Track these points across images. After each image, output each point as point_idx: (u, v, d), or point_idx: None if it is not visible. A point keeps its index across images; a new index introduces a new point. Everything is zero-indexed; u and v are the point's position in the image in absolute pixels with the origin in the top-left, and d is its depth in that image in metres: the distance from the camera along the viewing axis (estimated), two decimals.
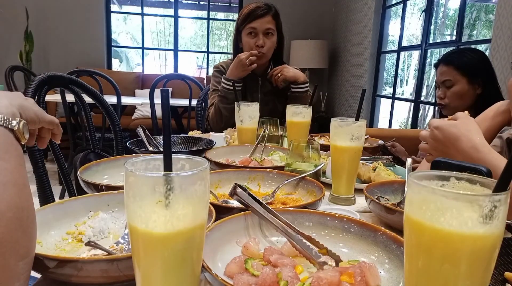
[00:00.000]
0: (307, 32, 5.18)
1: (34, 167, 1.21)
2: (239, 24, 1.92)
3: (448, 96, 1.69)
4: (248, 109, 1.44)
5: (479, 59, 1.69)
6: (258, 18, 1.87)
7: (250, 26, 1.88)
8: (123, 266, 0.51)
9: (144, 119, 4.77)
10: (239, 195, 0.68)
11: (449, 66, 1.68)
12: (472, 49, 1.89)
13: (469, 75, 1.64)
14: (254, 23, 1.87)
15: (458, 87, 1.66)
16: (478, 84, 1.64)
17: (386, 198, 0.94)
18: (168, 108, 0.45)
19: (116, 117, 1.51)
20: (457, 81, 1.66)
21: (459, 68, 1.65)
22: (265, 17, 1.87)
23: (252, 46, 1.88)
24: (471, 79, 1.64)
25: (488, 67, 1.70)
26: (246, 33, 1.90)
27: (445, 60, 1.71)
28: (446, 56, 1.74)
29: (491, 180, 0.40)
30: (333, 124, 0.97)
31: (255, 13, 1.87)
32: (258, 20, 1.87)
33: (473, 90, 1.65)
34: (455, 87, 1.66)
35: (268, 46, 1.91)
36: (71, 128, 3.03)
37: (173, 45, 5.64)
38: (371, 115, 4.39)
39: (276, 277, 0.52)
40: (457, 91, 1.66)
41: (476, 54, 1.69)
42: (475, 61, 1.67)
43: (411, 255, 0.41)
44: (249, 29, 1.88)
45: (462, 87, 1.64)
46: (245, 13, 1.90)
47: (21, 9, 4.66)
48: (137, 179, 0.41)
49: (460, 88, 1.65)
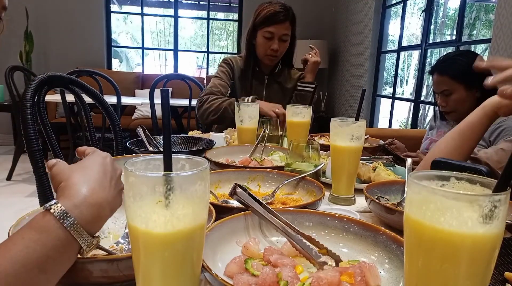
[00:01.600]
0: (307, 32, 5.17)
1: (34, 167, 1.21)
2: (257, 23, 1.92)
3: (450, 104, 1.67)
4: (248, 109, 1.44)
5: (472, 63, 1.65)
6: (277, 23, 1.87)
7: (268, 30, 1.89)
8: (123, 266, 0.51)
9: (144, 119, 4.77)
10: (239, 195, 0.68)
11: (443, 76, 1.65)
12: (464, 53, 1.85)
13: (465, 82, 1.61)
14: (272, 27, 1.88)
15: (456, 95, 1.64)
16: (476, 89, 1.63)
17: (386, 198, 0.94)
18: (168, 108, 0.44)
19: (116, 117, 1.51)
20: (455, 90, 1.64)
21: (455, 77, 1.62)
22: (284, 23, 1.88)
23: (267, 49, 1.91)
24: (468, 85, 1.61)
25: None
26: (262, 35, 1.91)
27: (439, 70, 1.68)
28: (439, 64, 1.70)
29: (491, 180, 0.40)
30: (333, 124, 0.97)
31: (275, 18, 1.87)
32: (277, 26, 1.88)
33: (472, 95, 1.64)
34: (453, 95, 1.64)
35: (282, 51, 1.94)
36: (71, 128, 3.03)
37: (173, 45, 5.64)
38: (371, 115, 4.39)
39: (276, 277, 0.51)
40: (457, 98, 1.64)
41: (469, 57, 1.65)
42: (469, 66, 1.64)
43: (411, 255, 0.41)
44: (267, 32, 1.89)
45: (461, 94, 1.63)
46: (265, 15, 1.89)
47: (21, 9, 4.66)
48: (137, 179, 0.41)
49: (459, 96, 1.63)
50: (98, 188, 0.48)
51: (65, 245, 0.45)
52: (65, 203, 0.46)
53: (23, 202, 3.19)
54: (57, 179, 0.50)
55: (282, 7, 1.88)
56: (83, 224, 0.46)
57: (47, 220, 0.45)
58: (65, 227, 0.45)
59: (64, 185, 0.48)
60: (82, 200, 0.47)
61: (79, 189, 0.47)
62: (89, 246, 0.46)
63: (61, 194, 0.47)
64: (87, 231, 0.46)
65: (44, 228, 0.44)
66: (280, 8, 1.88)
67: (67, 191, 0.47)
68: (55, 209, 0.45)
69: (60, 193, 0.47)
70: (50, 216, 0.45)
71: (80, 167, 0.51)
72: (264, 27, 1.89)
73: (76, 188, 0.47)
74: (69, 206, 0.46)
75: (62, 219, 0.45)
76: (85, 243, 0.46)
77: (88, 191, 0.47)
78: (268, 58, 1.95)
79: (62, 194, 0.47)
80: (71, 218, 0.45)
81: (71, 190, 0.47)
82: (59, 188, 0.48)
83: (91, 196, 0.47)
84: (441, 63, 1.70)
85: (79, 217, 0.46)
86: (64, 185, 0.48)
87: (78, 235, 0.45)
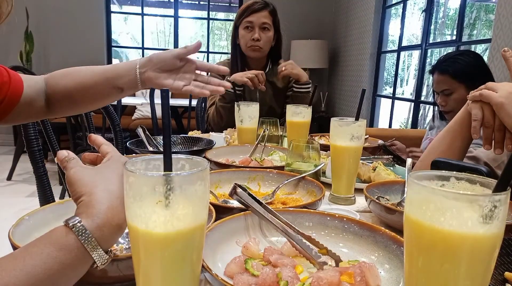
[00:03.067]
0: (307, 32, 5.17)
1: (34, 167, 1.21)
2: (236, 19, 1.96)
3: (450, 104, 1.67)
4: (248, 109, 1.44)
5: (473, 62, 1.66)
6: (254, 12, 1.89)
7: (247, 20, 1.90)
8: (123, 266, 0.51)
9: (144, 119, 4.76)
10: (239, 195, 0.68)
11: (444, 75, 1.65)
12: (465, 52, 1.86)
13: (466, 81, 1.61)
14: (250, 17, 1.90)
15: (457, 95, 1.63)
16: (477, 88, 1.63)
17: (386, 198, 0.94)
18: (168, 108, 0.45)
19: (116, 117, 1.51)
20: (456, 89, 1.63)
21: (455, 77, 1.62)
22: (262, 12, 1.90)
23: (248, 40, 1.91)
24: (469, 85, 1.61)
25: (484, 68, 1.67)
26: (242, 27, 1.92)
27: (439, 69, 1.68)
28: (440, 63, 1.70)
29: (491, 180, 0.40)
30: (333, 124, 0.97)
31: (252, 8, 1.90)
32: (255, 15, 1.89)
33: None
34: (454, 95, 1.64)
35: (264, 40, 1.92)
36: (71, 128, 3.03)
37: (173, 45, 5.64)
38: (371, 115, 4.39)
39: (276, 277, 0.52)
40: (457, 98, 1.64)
41: (470, 57, 1.66)
42: (470, 65, 1.64)
43: (411, 255, 0.41)
44: (246, 23, 1.90)
45: (462, 93, 1.62)
46: (242, 8, 1.94)
47: (21, 9, 4.66)
48: (137, 179, 0.41)
49: (460, 95, 1.63)
50: (121, 207, 0.47)
51: (82, 263, 0.46)
52: (88, 223, 0.45)
53: (23, 202, 3.19)
54: (76, 189, 0.49)
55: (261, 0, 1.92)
56: (102, 244, 0.46)
57: (69, 239, 0.45)
58: (85, 248, 0.45)
59: (86, 201, 0.47)
60: (105, 221, 0.46)
61: (102, 209, 0.47)
62: (103, 263, 0.47)
63: (83, 211, 0.47)
64: (104, 249, 0.47)
65: (64, 246, 0.44)
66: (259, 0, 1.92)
67: (90, 210, 0.46)
68: (78, 228, 0.45)
69: (82, 209, 0.47)
70: (71, 235, 0.45)
71: (102, 178, 0.50)
72: (243, 19, 1.91)
73: (98, 207, 0.47)
74: (92, 227, 0.45)
75: (84, 239, 0.45)
76: (101, 261, 0.47)
77: (111, 212, 0.47)
78: (251, 49, 1.93)
79: (84, 212, 0.47)
80: (93, 239, 0.45)
81: (93, 209, 0.46)
82: (81, 203, 0.48)
83: (113, 218, 0.47)
84: (442, 63, 1.70)
85: (100, 238, 0.46)
86: (87, 201, 0.47)
87: (96, 255, 0.46)
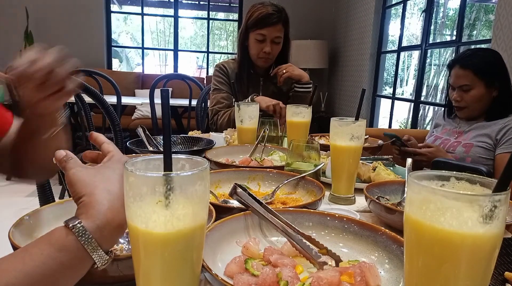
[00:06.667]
0: (307, 32, 5.17)
1: None
2: (249, 25, 1.90)
3: (466, 99, 1.65)
4: (248, 109, 1.44)
5: (495, 61, 1.64)
6: (269, 26, 1.85)
7: (260, 32, 1.87)
8: (123, 266, 0.51)
9: (144, 119, 4.76)
10: (239, 195, 0.68)
11: (466, 70, 1.63)
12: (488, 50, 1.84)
13: (487, 79, 1.60)
14: (264, 30, 1.86)
15: (475, 91, 1.62)
16: (495, 87, 1.62)
17: (386, 198, 0.94)
18: (168, 108, 0.44)
19: (116, 117, 1.51)
20: (475, 86, 1.62)
21: (478, 73, 1.60)
22: (276, 26, 1.86)
23: (259, 52, 1.89)
24: (488, 83, 1.60)
25: (504, 68, 1.65)
26: (254, 37, 1.89)
27: (462, 63, 1.65)
28: (462, 58, 1.67)
29: (491, 180, 0.40)
30: (333, 124, 0.97)
31: (267, 21, 1.85)
32: (269, 28, 1.85)
33: (489, 94, 1.62)
34: (472, 91, 1.62)
35: (274, 53, 1.92)
36: (71, 128, 3.03)
37: (173, 45, 5.64)
38: (371, 115, 4.39)
39: (276, 277, 0.51)
40: (475, 95, 1.62)
41: (492, 55, 1.65)
42: (492, 64, 1.63)
43: (411, 255, 0.41)
44: (258, 35, 1.87)
45: (480, 91, 1.61)
46: (257, 17, 1.86)
47: (21, 9, 4.66)
48: (137, 179, 0.41)
49: (478, 92, 1.61)
50: (121, 208, 0.47)
51: (82, 264, 0.46)
52: (88, 224, 0.45)
53: (23, 202, 3.18)
54: (76, 189, 0.49)
55: (274, 9, 1.86)
56: (102, 244, 0.46)
57: (69, 240, 0.44)
58: (85, 248, 0.45)
59: (87, 202, 0.47)
60: (105, 223, 0.46)
61: (103, 210, 0.47)
62: (103, 264, 0.47)
63: (83, 212, 0.47)
64: (104, 250, 0.47)
65: (64, 247, 0.44)
66: (273, 10, 1.85)
67: (90, 211, 0.46)
68: (78, 229, 0.45)
69: (82, 210, 0.47)
70: (71, 236, 0.44)
71: (102, 178, 0.50)
72: (256, 30, 1.87)
73: (99, 208, 0.47)
74: (93, 228, 0.45)
75: (84, 240, 0.45)
76: (101, 262, 0.46)
77: (112, 212, 0.47)
78: (261, 60, 1.93)
79: (84, 212, 0.46)
80: (93, 240, 0.45)
81: (94, 210, 0.46)
82: (81, 203, 0.47)
83: (113, 219, 0.47)
84: (465, 57, 1.67)
85: (100, 239, 0.46)
86: (87, 201, 0.47)
87: (97, 256, 0.46)
